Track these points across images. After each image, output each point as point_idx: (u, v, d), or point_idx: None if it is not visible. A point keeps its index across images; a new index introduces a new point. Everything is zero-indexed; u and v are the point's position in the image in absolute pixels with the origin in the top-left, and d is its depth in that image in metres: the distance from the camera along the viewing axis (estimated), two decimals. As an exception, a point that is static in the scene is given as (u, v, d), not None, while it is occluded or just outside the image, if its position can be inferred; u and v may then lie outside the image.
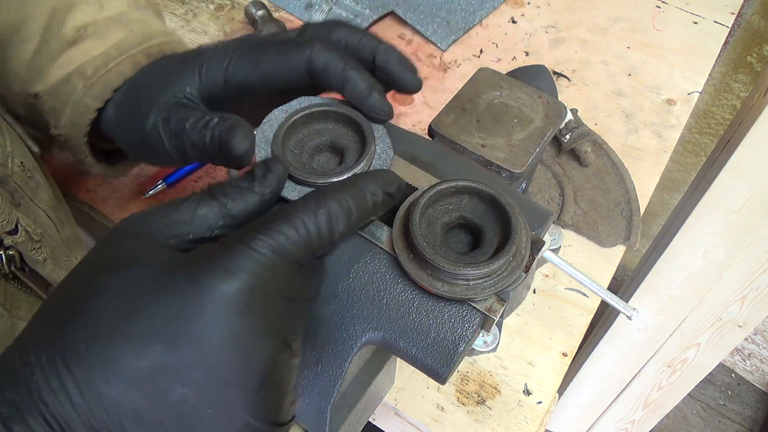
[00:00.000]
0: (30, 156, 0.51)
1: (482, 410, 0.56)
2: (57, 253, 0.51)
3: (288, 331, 0.30)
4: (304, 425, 0.37)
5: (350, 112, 0.40)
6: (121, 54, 0.46)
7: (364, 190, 0.35)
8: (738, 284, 0.99)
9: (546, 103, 0.49)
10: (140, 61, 0.46)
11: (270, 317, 0.29)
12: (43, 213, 0.51)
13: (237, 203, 0.33)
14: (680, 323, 1.09)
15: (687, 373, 1.21)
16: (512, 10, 0.91)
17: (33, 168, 0.51)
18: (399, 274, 0.36)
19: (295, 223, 0.31)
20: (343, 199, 0.34)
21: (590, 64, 0.84)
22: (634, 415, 1.38)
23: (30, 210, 0.49)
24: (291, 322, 0.31)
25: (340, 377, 0.36)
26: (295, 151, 0.40)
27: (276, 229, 0.31)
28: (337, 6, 0.88)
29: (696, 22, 0.90)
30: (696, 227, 0.94)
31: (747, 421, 1.79)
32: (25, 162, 0.49)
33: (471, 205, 0.38)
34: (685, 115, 0.80)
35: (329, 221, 0.33)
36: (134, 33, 0.47)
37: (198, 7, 0.89)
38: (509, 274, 0.35)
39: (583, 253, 0.67)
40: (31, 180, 0.50)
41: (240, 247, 0.29)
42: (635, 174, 0.72)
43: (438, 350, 0.35)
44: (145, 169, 0.70)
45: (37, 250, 0.48)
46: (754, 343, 1.72)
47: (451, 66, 0.84)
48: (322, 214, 0.32)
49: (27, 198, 0.49)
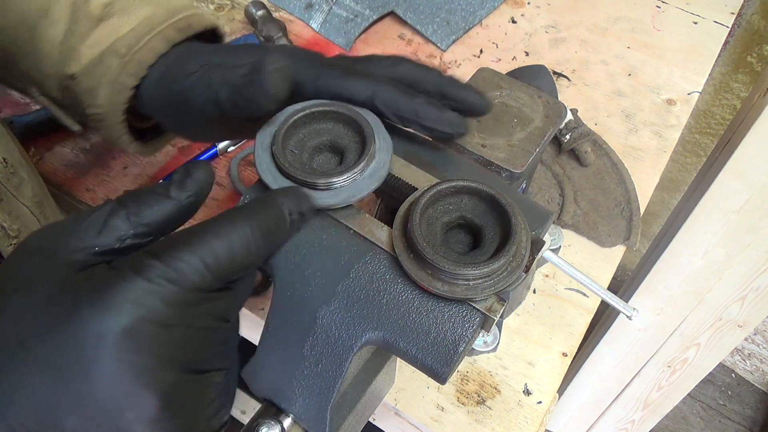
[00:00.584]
0: (15, 151, 0.51)
1: (482, 410, 0.56)
2: None
3: (191, 357, 0.29)
4: (304, 425, 0.37)
5: (350, 112, 0.40)
6: (151, 30, 0.46)
7: (283, 209, 0.34)
8: (738, 284, 0.99)
9: (546, 103, 0.49)
10: (171, 36, 0.47)
11: (164, 347, 0.28)
12: (26, 209, 0.51)
13: (151, 210, 0.31)
14: (680, 323, 1.09)
15: (687, 373, 1.21)
16: (512, 10, 0.91)
17: (18, 164, 0.51)
18: (399, 274, 0.36)
19: (200, 248, 0.29)
20: (260, 219, 0.32)
21: (590, 64, 0.84)
22: (634, 415, 1.38)
23: (11, 206, 0.49)
24: (195, 348, 0.29)
25: (340, 377, 0.36)
26: (295, 151, 0.40)
27: (176, 255, 0.28)
28: (337, 6, 0.88)
29: (696, 22, 0.90)
30: (696, 227, 0.94)
31: (747, 421, 1.79)
32: (8, 158, 0.49)
33: (471, 205, 0.38)
34: (685, 115, 0.80)
35: (244, 245, 0.30)
36: (161, 7, 0.48)
37: (198, 7, 0.89)
38: (509, 274, 0.35)
39: (583, 253, 0.67)
40: (14, 176, 0.50)
41: (130, 276, 0.27)
42: (635, 174, 0.72)
43: (438, 350, 0.35)
44: (146, 169, 0.70)
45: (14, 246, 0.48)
46: (754, 343, 1.72)
47: (451, 66, 0.84)
48: (236, 236, 0.30)
49: (9, 194, 0.49)
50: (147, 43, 0.46)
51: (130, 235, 0.30)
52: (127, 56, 0.45)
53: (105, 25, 0.46)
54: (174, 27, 0.47)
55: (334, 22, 0.87)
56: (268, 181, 0.38)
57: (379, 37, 0.87)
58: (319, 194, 0.38)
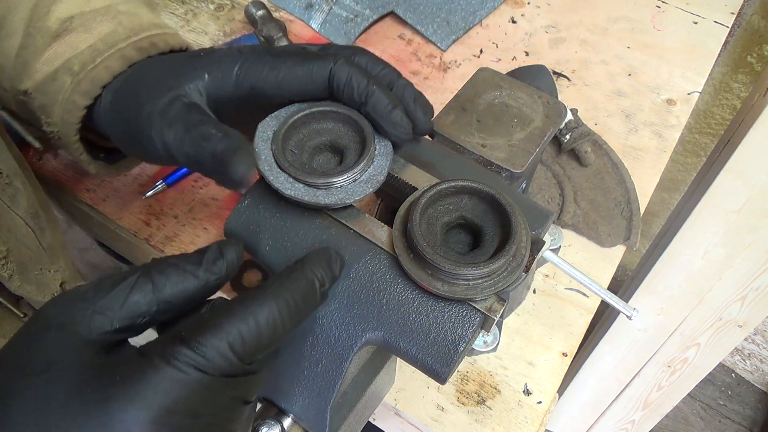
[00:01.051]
0: (11, 160, 0.50)
1: (482, 410, 0.56)
2: (29, 267, 0.50)
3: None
4: (304, 425, 0.37)
5: (350, 112, 0.40)
6: (109, 48, 0.44)
7: (313, 280, 0.33)
8: (738, 284, 0.99)
9: (546, 103, 0.49)
10: (130, 56, 0.44)
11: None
12: (21, 221, 0.50)
13: (175, 288, 0.30)
14: (680, 323, 1.09)
15: (687, 373, 1.21)
16: (512, 10, 0.91)
17: (13, 173, 0.49)
18: (399, 274, 0.36)
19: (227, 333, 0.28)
20: (289, 296, 0.31)
21: (590, 64, 0.84)
22: (634, 415, 1.38)
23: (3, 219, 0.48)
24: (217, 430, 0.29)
25: (340, 377, 0.36)
26: (295, 150, 0.40)
27: (203, 341, 0.28)
28: (337, 6, 0.88)
29: (696, 22, 0.90)
30: (696, 227, 0.94)
31: (747, 421, 1.79)
32: (2, 168, 0.48)
33: (471, 205, 0.38)
34: (685, 115, 0.80)
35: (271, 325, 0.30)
36: (123, 26, 0.46)
37: (198, 7, 0.89)
38: (509, 274, 0.35)
39: (583, 253, 0.67)
40: (9, 187, 0.48)
41: (159, 364, 0.27)
42: (635, 174, 0.72)
43: (438, 350, 0.35)
44: (146, 169, 0.70)
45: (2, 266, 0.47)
46: (754, 343, 1.72)
47: (451, 66, 0.84)
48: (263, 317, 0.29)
49: (5, 206, 0.48)
50: (103, 62, 0.44)
51: (152, 312, 0.30)
52: (81, 74, 0.43)
53: (63, 41, 0.44)
54: (135, 46, 0.45)
55: (334, 22, 0.87)
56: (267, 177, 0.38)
57: (379, 37, 0.87)
58: (319, 193, 0.38)
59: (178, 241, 0.65)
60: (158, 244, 0.64)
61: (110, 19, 0.46)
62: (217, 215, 0.67)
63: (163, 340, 0.28)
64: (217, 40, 0.84)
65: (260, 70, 0.40)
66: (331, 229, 0.38)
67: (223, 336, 0.28)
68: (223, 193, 0.69)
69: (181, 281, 0.30)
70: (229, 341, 0.28)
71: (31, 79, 0.45)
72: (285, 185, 0.37)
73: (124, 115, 0.43)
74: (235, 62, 0.41)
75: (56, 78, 0.44)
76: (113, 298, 0.29)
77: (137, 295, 0.29)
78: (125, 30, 0.46)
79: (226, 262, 0.32)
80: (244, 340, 0.29)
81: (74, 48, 0.44)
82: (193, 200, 0.68)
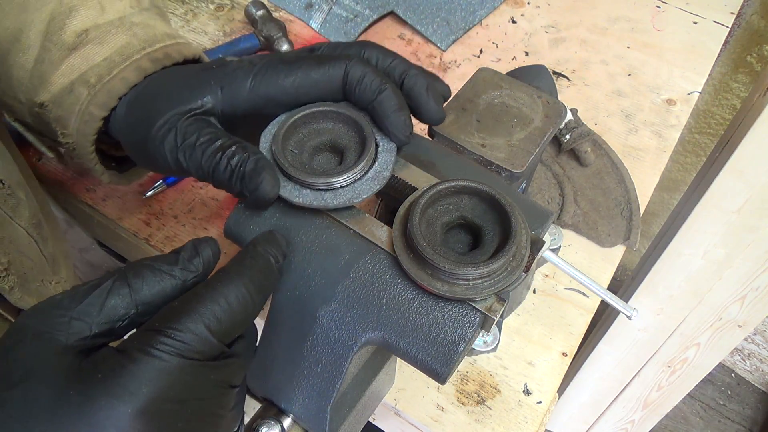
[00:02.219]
0: (15, 171, 0.50)
1: (482, 410, 0.56)
2: (30, 278, 0.50)
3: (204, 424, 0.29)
4: (304, 425, 0.37)
5: (350, 112, 0.40)
6: (125, 60, 0.45)
7: (269, 258, 0.34)
8: (738, 284, 0.99)
9: (546, 103, 0.49)
10: (145, 67, 0.45)
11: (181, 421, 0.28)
12: (23, 231, 0.50)
13: (153, 289, 0.31)
14: (680, 323, 1.09)
15: (687, 373, 1.21)
16: (512, 10, 0.91)
17: (16, 184, 0.49)
18: (399, 274, 0.36)
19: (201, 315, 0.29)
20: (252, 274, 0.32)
21: (590, 64, 0.84)
22: (634, 415, 1.38)
23: (5, 231, 0.48)
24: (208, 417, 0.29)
25: (340, 377, 0.36)
26: (295, 151, 0.40)
27: (181, 326, 0.28)
28: (337, 6, 0.88)
29: (696, 22, 0.90)
30: (696, 227, 0.94)
31: (747, 421, 1.79)
32: (5, 179, 0.48)
33: (471, 205, 0.38)
34: (685, 115, 0.80)
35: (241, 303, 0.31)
36: (138, 37, 0.46)
37: (198, 7, 0.89)
38: (509, 274, 0.35)
39: (583, 253, 0.67)
40: (11, 197, 0.49)
41: (140, 357, 0.27)
42: (635, 174, 0.72)
43: (438, 350, 0.35)
44: (145, 169, 0.70)
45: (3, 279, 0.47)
46: (754, 343, 1.72)
47: (451, 66, 0.84)
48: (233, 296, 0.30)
49: (7, 217, 0.48)
50: (119, 73, 0.44)
51: (130, 315, 0.30)
52: (97, 86, 0.44)
53: (78, 53, 0.45)
54: (149, 57, 0.45)
55: (334, 22, 0.87)
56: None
57: (379, 37, 0.87)
58: (319, 194, 0.38)
59: (178, 241, 0.65)
60: (158, 244, 0.64)
61: (125, 31, 0.46)
62: (217, 215, 0.67)
63: (139, 334, 0.29)
64: (216, 40, 0.84)
65: (275, 79, 0.40)
66: (331, 229, 0.38)
67: (198, 318, 0.29)
68: (223, 193, 0.69)
69: (158, 282, 0.31)
70: (205, 323, 0.29)
71: (48, 92, 0.45)
72: (293, 193, 0.38)
73: (136, 127, 0.43)
74: (248, 75, 0.41)
75: (73, 90, 0.45)
76: (90, 304, 0.29)
77: (114, 299, 0.30)
78: (140, 41, 0.46)
79: (203, 259, 0.33)
80: (219, 320, 0.30)
81: (90, 60, 0.45)
82: (193, 200, 0.68)
